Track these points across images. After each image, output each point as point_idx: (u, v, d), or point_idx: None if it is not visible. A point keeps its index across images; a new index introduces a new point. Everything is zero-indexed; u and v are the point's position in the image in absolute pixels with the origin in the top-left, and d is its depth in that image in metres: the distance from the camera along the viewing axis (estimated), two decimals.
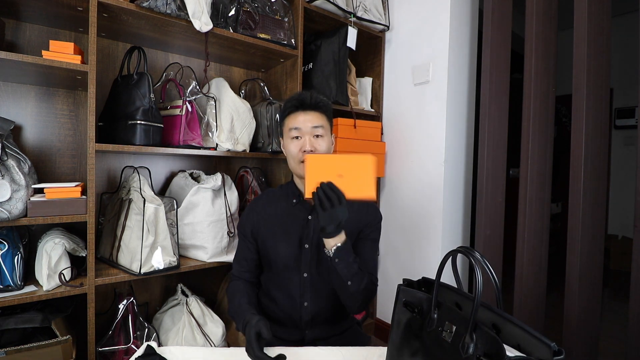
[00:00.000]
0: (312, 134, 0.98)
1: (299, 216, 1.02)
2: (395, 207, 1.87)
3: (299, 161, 0.98)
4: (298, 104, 0.99)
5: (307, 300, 1.00)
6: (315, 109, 0.99)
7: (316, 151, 0.97)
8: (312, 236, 1.00)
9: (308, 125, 0.97)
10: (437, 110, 1.66)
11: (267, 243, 1.02)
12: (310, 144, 0.97)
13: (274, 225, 1.03)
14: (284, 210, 1.04)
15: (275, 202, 1.06)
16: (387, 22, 1.85)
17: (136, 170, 1.29)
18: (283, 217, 1.03)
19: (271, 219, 1.03)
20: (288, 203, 1.04)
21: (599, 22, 1.26)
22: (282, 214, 1.04)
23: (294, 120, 0.99)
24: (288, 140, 1.01)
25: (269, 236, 1.02)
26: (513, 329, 0.53)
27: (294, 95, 1.02)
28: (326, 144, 1.00)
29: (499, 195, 1.55)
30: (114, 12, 1.17)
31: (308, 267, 1.00)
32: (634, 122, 3.38)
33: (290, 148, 1.00)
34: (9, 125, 1.08)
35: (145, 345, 0.79)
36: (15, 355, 0.97)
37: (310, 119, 0.98)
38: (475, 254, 0.56)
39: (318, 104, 1.00)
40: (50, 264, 1.07)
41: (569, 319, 1.27)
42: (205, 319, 1.31)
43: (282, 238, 1.01)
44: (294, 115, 0.99)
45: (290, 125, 1.00)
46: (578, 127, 1.26)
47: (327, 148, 1.00)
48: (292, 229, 1.01)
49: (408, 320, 0.68)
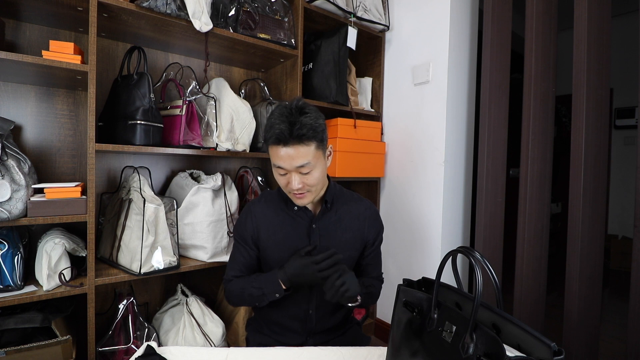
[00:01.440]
0: (299, 172, 0.87)
1: (302, 224, 0.98)
2: (395, 207, 1.87)
3: (289, 192, 0.92)
4: (277, 138, 0.84)
5: (312, 309, 0.99)
6: (300, 141, 0.83)
7: (306, 187, 0.89)
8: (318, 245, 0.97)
9: (292, 164, 0.85)
10: (437, 110, 1.66)
11: (269, 251, 0.98)
12: (299, 182, 0.87)
13: (276, 232, 0.98)
14: (285, 217, 0.99)
15: (274, 206, 1.00)
16: (387, 22, 1.85)
17: (136, 170, 1.29)
18: (285, 223, 0.98)
19: (272, 226, 0.98)
20: (289, 209, 0.99)
21: (599, 22, 1.26)
22: (284, 220, 0.98)
23: (276, 156, 0.86)
24: (274, 169, 0.91)
25: (271, 244, 0.98)
26: (513, 329, 0.53)
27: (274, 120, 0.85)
28: (317, 175, 0.89)
29: (499, 195, 1.55)
30: (114, 12, 1.17)
31: None
32: (634, 122, 3.38)
33: (277, 178, 0.92)
34: (9, 125, 1.08)
35: (145, 345, 0.79)
36: (15, 355, 0.97)
37: (294, 155, 0.84)
38: (475, 254, 0.56)
39: (302, 135, 0.83)
40: (50, 264, 1.07)
41: (569, 319, 1.27)
42: (205, 319, 1.31)
43: (286, 246, 0.97)
44: (274, 148, 0.86)
45: (273, 160, 0.88)
46: (578, 127, 1.26)
47: (319, 178, 0.90)
48: (296, 237, 0.97)
49: (408, 320, 0.68)
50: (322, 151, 0.90)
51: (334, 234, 0.98)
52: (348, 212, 1.01)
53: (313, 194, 0.92)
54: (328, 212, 0.99)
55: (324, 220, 0.98)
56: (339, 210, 1.00)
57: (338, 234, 0.99)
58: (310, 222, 0.97)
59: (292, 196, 0.92)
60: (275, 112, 0.87)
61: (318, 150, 0.87)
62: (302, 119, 0.83)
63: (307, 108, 0.87)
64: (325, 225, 0.98)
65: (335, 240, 0.98)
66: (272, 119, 0.86)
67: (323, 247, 0.96)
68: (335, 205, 1.00)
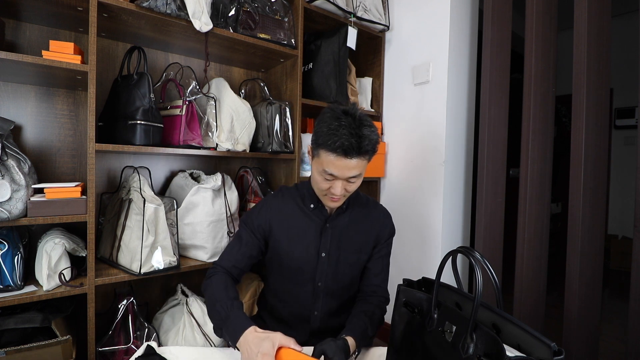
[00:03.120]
0: (347, 180, 0.87)
1: (317, 222, 0.98)
2: (395, 207, 1.87)
3: (324, 195, 0.91)
4: (343, 150, 0.80)
5: (317, 310, 0.99)
6: (362, 155, 0.83)
7: (346, 193, 0.89)
8: (329, 246, 0.97)
9: (345, 174, 0.84)
10: (437, 110, 1.66)
11: (281, 244, 0.98)
12: (342, 189, 0.87)
13: (290, 227, 0.98)
14: (300, 213, 0.99)
15: (291, 202, 1.00)
16: (387, 22, 1.85)
17: (136, 170, 1.29)
18: (299, 220, 0.98)
19: (286, 220, 0.98)
20: (305, 206, 0.99)
21: (599, 22, 1.26)
22: (298, 216, 0.98)
23: (330, 163, 0.83)
24: (318, 172, 0.88)
25: (283, 238, 0.97)
26: (513, 329, 0.53)
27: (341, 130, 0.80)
28: (359, 183, 0.90)
29: (499, 195, 1.55)
30: (114, 12, 1.17)
31: (324, 276, 0.97)
32: (634, 122, 3.39)
33: (319, 181, 0.89)
34: (9, 125, 1.08)
35: (145, 345, 0.79)
36: (15, 355, 0.97)
37: (350, 167, 0.83)
38: (475, 254, 0.56)
39: (367, 152, 0.83)
40: (50, 264, 1.07)
41: (569, 319, 1.27)
42: (205, 319, 1.31)
43: (298, 242, 0.97)
44: (332, 155, 0.82)
45: (324, 166, 0.85)
46: (578, 127, 1.26)
47: (358, 185, 0.91)
48: (309, 234, 0.97)
49: (408, 320, 0.68)
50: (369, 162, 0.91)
51: (345, 235, 0.99)
52: (362, 216, 1.02)
53: (346, 197, 0.93)
54: (343, 214, 0.99)
55: (338, 221, 0.98)
56: (353, 212, 1.01)
57: (350, 236, 0.99)
58: (324, 221, 0.98)
59: (327, 199, 0.92)
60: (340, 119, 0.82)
61: (368, 162, 0.88)
62: (368, 134, 0.82)
63: (368, 120, 0.85)
64: (338, 226, 0.98)
65: (346, 242, 0.98)
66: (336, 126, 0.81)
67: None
68: (350, 207, 1.01)
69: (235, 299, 0.86)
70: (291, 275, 0.99)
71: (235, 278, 0.97)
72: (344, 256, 0.98)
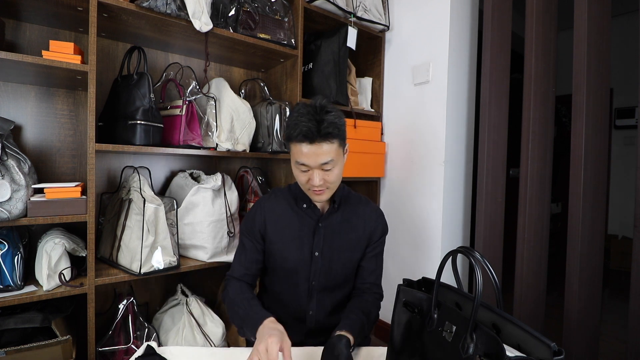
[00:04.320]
0: (321, 168, 0.88)
1: (309, 222, 0.98)
2: (395, 207, 1.87)
3: (308, 190, 0.93)
4: (304, 135, 0.84)
5: (312, 309, 0.99)
6: (325, 139, 0.85)
7: (326, 184, 0.90)
8: (322, 245, 0.97)
9: (316, 162, 0.86)
10: (437, 110, 1.66)
11: (275, 246, 0.98)
12: (320, 179, 0.88)
13: (283, 227, 0.99)
14: (292, 213, 1.00)
15: (283, 203, 1.01)
16: (387, 22, 1.85)
17: (136, 170, 1.29)
18: (292, 220, 0.99)
19: (279, 221, 0.99)
20: (298, 207, 1.00)
21: (599, 22, 1.26)
22: (291, 217, 0.99)
23: (300, 153, 0.87)
24: (294, 166, 0.92)
25: (277, 239, 0.98)
26: (513, 329, 0.53)
27: (300, 118, 0.85)
28: (337, 172, 0.91)
29: (499, 195, 1.55)
30: (114, 12, 1.17)
31: (317, 275, 0.98)
32: (634, 122, 3.39)
33: (297, 175, 0.92)
34: (9, 125, 1.08)
35: (145, 345, 0.79)
36: (15, 355, 0.97)
37: (318, 153, 0.86)
38: (475, 254, 0.56)
39: (329, 134, 0.85)
40: (50, 264, 1.07)
41: (569, 319, 1.27)
42: (205, 319, 1.31)
43: (291, 243, 0.97)
44: (299, 145, 0.86)
45: (296, 157, 0.89)
46: (578, 127, 1.26)
47: (338, 175, 0.92)
48: (302, 234, 0.98)
49: (408, 320, 0.68)
50: (342, 148, 0.93)
51: (338, 233, 0.99)
52: (354, 214, 1.02)
53: (331, 190, 0.94)
54: (335, 212, 1.00)
55: (331, 220, 0.99)
56: (345, 211, 1.01)
57: (342, 234, 1.00)
58: (317, 220, 0.98)
59: (311, 193, 0.93)
60: (299, 110, 0.87)
61: (340, 148, 0.90)
62: (328, 117, 0.85)
63: (329, 107, 0.88)
64: (331, 225, 0.99)
65: (339, 240, 0.99)
66: (296, 117, 0.86)
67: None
68: (342, 206, 1.01)
69: (252, 299, 0.92)
70: (285, 275, 0.99)
71: (249, 284, 1.01)
72: (337, 255, 0.98)
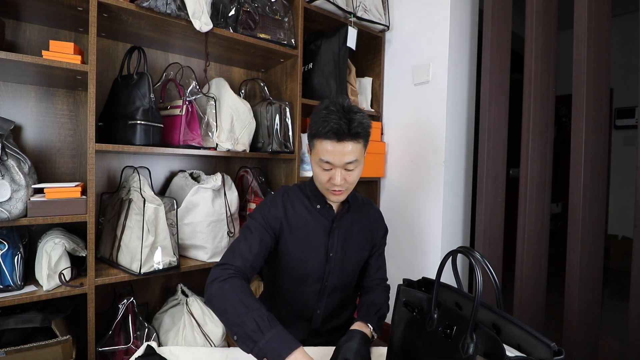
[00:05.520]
0: (345, 168, 0.87)
1: (324, 223, 0.97)
2: (395, 207, 1.87)
3: (326, 189, 0.92)
4: (334, 133, 0.83)
5: (320, 308, 0.99)
6: (354, 138, 0.84)
7: (346, 184, 0.90)
8: (336, 245, 0.97)
9: (341, 160, 0.85)
10: (437, 110, 1.66)
11: (290, 248, 0.95)
12: (342, 178, 0.87)
13: (298, 228, 0.96)
14: (307, 214, 0.97)
15: (298, 203, 0.99)
16: (387, 22, 1.85)
17: (136, 170, 1.29)
18: (307, 220, 0.97)
19: (295, 221, 0.97)
20: (312, 207, 0.98)
21: (599, 22, 1.26)
22: (306, 217, 0.97)
23: (325, 151, 0.85)
24: (316, 163, 0.90)
25: (293, 240, 0.96)
26: (513, 329, 0.53)
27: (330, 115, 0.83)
28: (358, 173, 0.91)
29: (499, 195, 1.55)
30: (114, 12, 1.17)
31: (330, 275, 0.98)
32: (634, 122, 3.38)
33: (319, 174, 0.91)
34: (9, 125, 1.08)
35: (145, 345, 0.79)
36: (15, 355, 0.97)
37: (345, 152, 0.84)
38: (475, 254, 0.56)
39: (358, 134, 0.84)
40: (50, 264, 1.07)
41: (569, 319, 1.27)
42: (205, 319, 1.31)
43: (307, 244, 0.96)
44: (325, 142, 0.85)
45: (320, 154, 0.87)
46: (578, 127, 1.26)
47: (358, 177, 0.92)
48: (317, 235, 0.97)
49: (408, 320, 0.68)
50: (365, 150, 0.92)
51: (350, 234, 1.00)
52: (362, 215, 1.04)
53: (348, 191, 0.94)
54: (347, 214, 1.01)
55: (344, 221, 1.00)
56: (355, 212, 1.03)
57: (354, 235, 1.01)
58: (331, 222, 0.98)
59: (329, 193, 0.93)
60: (328, 107, 0.85)
61: (363, 149, 0.90)
62: (357, 117, 0.85)
63: (356, 107, 0.88)
64: (343, 225, 1.00)
65: (351, 241, 1.00)
66: (325, 114, 0.84)
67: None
68: (352, 208, 1.03)
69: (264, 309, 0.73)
70: (299, 276, 0.98)
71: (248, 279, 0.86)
72: (349, 255, 1.00)
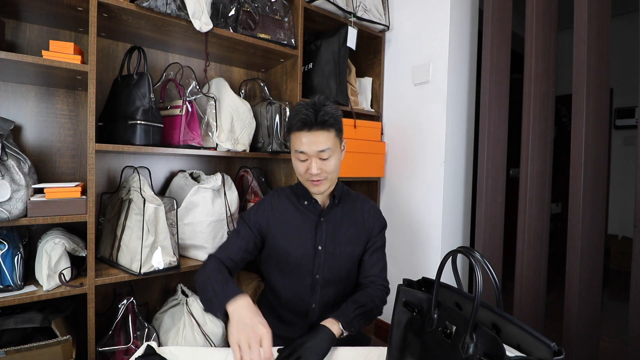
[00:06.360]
0: (319, 157, 0.93)
1: (311, 217, 1.02)
2: (395, 207, 1.87)
3: (306, 180, 0.97)
4: (302, 123, 0.91)
5: (316, 302, 1.01)
6: (322, 127, 0.91)
7: (324, 174, 0.94)
8: (324, 238, 1.00)
9: (313, 149, 0.92)
10: (437, 110, 1.66)
11: (278, 242, 1.01)
12: (317, 167, 0.93)
13: (285, 224, 1.02)
14: (295, 210, 1.04)
15: (286, 201, 1.06)
16: (387, 22, 1.85)
17: (136, 170, 1.29)
18: (294, 216, 1.03)
19: (281, 218, 1.03)
20: (299, 203, 1.04)
21: (599, 22, 1.26)
22: (293, 213, 1.03)
23: (299, 142, 0.93)
24: (294, 156, 0.98)
25: (280, 235, 1.01)
26: (513, 329, 0.53)
27: (300, 108, 0.93)
28: (334, 163, 0.95)
29: (499, 195, 1.55)
30: (114, 12, 1.17)
31: (321, 268, 1.00)
32: (634, 122, 3.38)
33: (297, 166, 0.98)
34: (9, 125, 1.08)
35: (145, 345, 0.79)
36: (15, 355, 0.97)
37: (316, 141, 0.91)
38: (475, 254, 0.56)
39: (325, 122, 0.91)
40: (50, 264, 1.07)
41: (569, 319, 1.27)
42: (205, 318, 1.31)
43: (294, 238, 1.00)
44: (298, 134, 0.93)
45: (295, 146, 0.95)
46: (578, 127, 1.26)
47: (336, 166, 0.96)
48: (304, 229, 1.01)
49: (408, 320, 0.68)
50: (339, 141, 0.98)
51: (339, 228, 1.03)
52: (354, 209, 1.06)
53: (329, 181, 0.97)
54: (335, 207, 1.04)
55: (331, 215, 1.03)
56: (345, 206, 1.06)
57: (343, 229, 1.03)
58: (319, 215, 1.02)
59: (310, 184, 0.97)
60: (300, 104, 0.95)
61: (336, 139, 0.95)
62: (325, 108, 0.92)
63: (327, 101, 0.95)
64: (332, 219, 1.03)
65: (340, 235, 1.02)
66: (296, 110, 0.94)
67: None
68: (342, 202, 1.05)
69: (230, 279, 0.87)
70: (289, 270, 1.01)
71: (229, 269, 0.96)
72: (339, 248, 1.01)
